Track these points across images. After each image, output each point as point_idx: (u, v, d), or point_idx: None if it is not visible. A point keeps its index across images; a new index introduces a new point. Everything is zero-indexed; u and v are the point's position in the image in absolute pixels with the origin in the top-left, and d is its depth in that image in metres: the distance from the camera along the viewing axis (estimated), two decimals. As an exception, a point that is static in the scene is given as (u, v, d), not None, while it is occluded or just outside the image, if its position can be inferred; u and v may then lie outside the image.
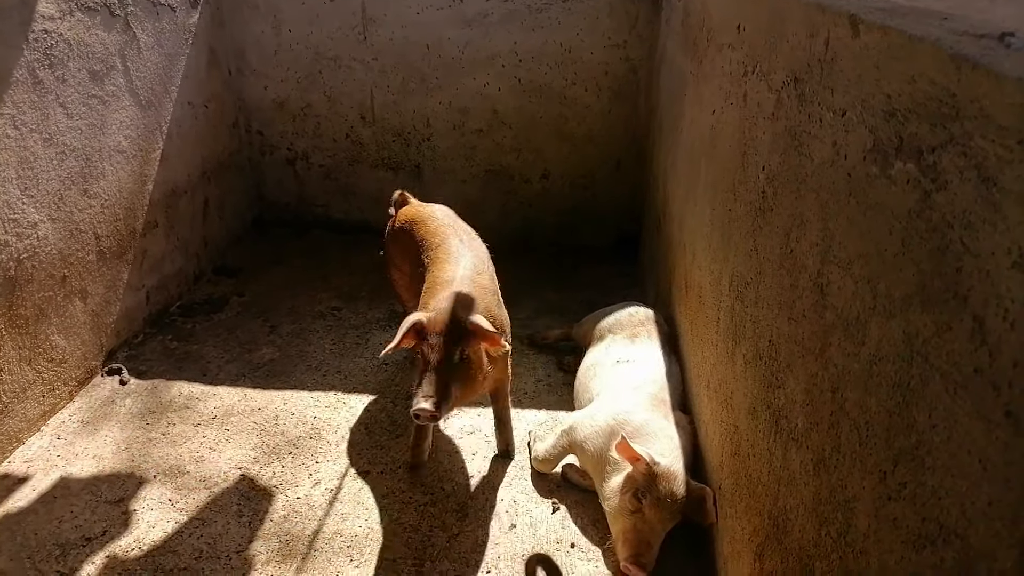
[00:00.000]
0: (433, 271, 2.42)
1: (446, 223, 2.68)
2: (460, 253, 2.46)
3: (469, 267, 2.38)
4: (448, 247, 2.50)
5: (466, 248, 2.51)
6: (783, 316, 1.47)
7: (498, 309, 2.40)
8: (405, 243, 2.73)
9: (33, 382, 2.63)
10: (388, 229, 2.90)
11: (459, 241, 2.55)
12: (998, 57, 0.84)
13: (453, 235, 2.58)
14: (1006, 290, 0.77)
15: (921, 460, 0.92)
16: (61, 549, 2.19)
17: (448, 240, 2.55)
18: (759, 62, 1.73)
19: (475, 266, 2.41)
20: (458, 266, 2.38)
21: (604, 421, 2.29)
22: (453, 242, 2.53)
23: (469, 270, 2.37)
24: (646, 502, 2.03)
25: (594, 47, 3.76)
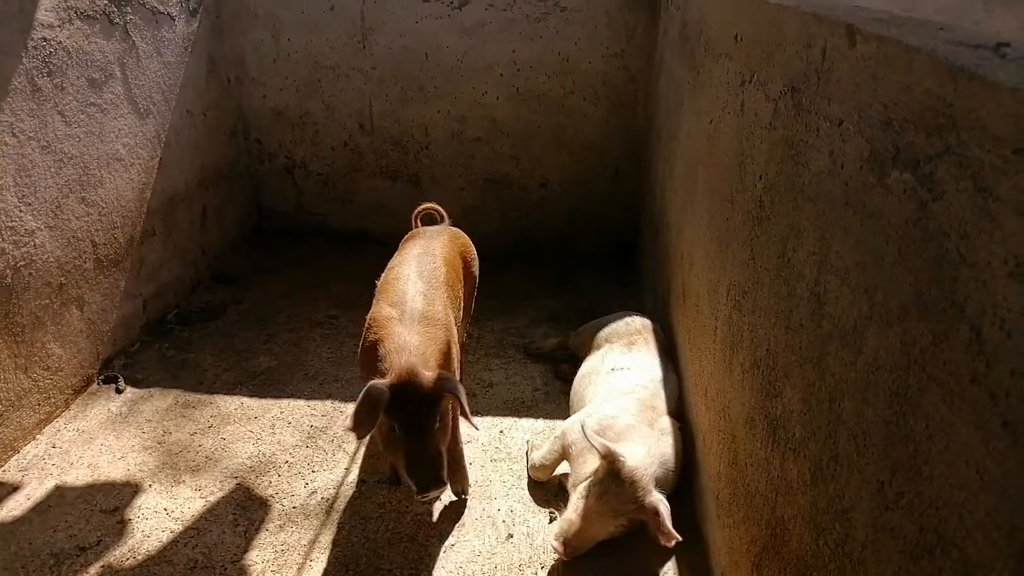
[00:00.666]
0: (379, 299, 2.28)
1: (420, 242, 2.52)
2: (407, 278, 2.28)
3: (418, 299, 2.19)
4: (398, 271, 2.34)
5: (414, 269, 2.32)
6: (780, 325, 1.47)
7: (453, 346, 2.23)
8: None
9: (29, 390, 2.62)
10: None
11: (414, 261, 2.38)
12: (993, 67, 0.84)
13: (411, 255, 2.42)
14: (1003, 299, 0.77)
15: (918, 470, 0.92)
16: (55, 559, 2.18)
17: (402, 262, 2.39)
18: (756, 72, 1.74)
19: (424, 294, 2.22)
20: (404, 296, 2.20)
21: (591, 425, 2.30)
22: (406, 266, 2.35)
23: (418, 303, 2.17)
24: (594, 491, 2.07)
25: (592, 56, 3.77)
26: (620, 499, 2.06)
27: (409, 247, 2.53)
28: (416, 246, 2.51)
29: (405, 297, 2.20)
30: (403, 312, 2.14)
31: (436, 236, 2.61)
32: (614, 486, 2.06)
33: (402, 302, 2.18)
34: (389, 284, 2.31)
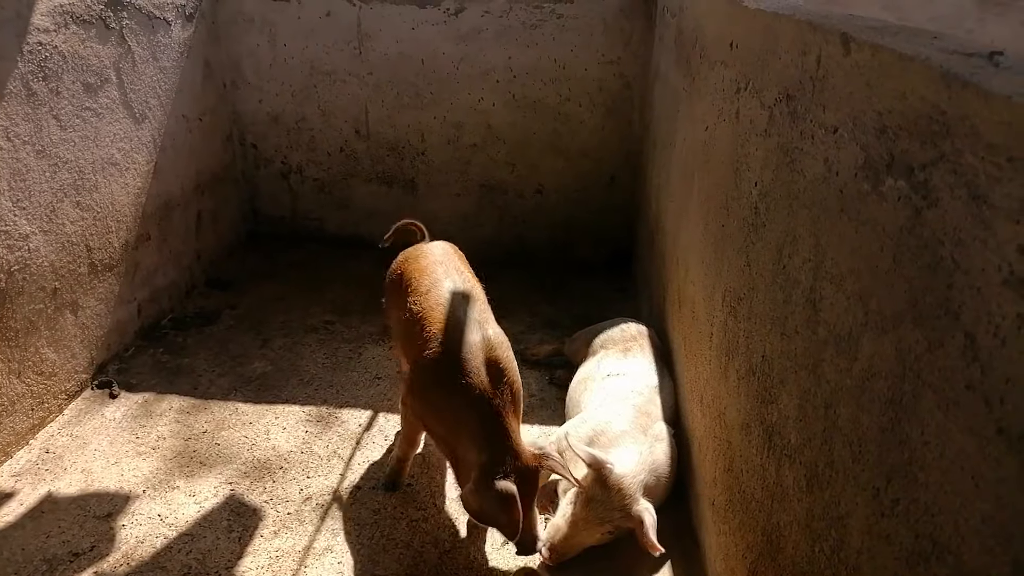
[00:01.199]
0: (427, 322, 2.18)
1: (433, 258, 2.46)
2: (465, 320, 2.17)
3: (487, 332, 2.14)
4: (446, 312, 2.21)
5: (463, 307, 2.23)
6: (776, 331, 1.47)
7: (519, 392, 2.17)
8: (397, 288, 2.48)
9: (22, 395, 2.61)
10: (389, 273, 2.66)
11: (444, 274, 2.34)
12: (987, 75, 0.85)
13: (440, 269, 2.37)
14: (997, 307, 0.77)
15: (914, 476, 0.92)
16: (48, 564, 2.17)
17: (435, 278, 2.32)
18: (751, 79, 1.74)
19: (491, 341, 2.14)
20: (474, 352, 2.08)
21: (585, 431, 2.30)
22: (452, 304, 2.24)
23: (497, 368, 2.08)
24: (581, 498, 2.08)
25: (588, 63, 3.79)
26: (607, 506, 2.06)
27: (427, 266, 2.41)
28: (434, 263, 2.42)
29: (475, 352, 2.08)
30: (483, 379, 2.04)
31: (444, 251, 2.55)
32: (601, 493, 2.06)
33: (476, 366, 2.06)
34: (444, 332, 2.15)
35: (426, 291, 2.29)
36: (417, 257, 2.52)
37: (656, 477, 2.21)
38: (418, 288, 2.32)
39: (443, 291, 2.28)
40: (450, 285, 2.31)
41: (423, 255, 2.51)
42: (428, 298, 2.26)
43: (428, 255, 2.50)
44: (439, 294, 2.26)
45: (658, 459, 2.24)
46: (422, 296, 2.28)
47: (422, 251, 2.56)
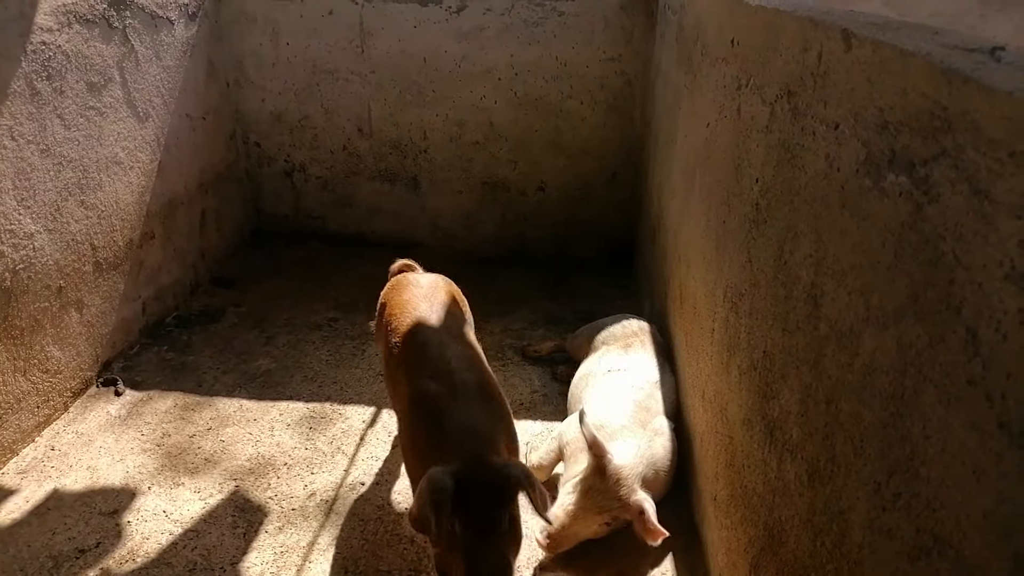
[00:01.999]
0: (410, 371, 1.95)
1: (418, 292, 2.23)
2: (439, 342, 1.98)
3: (463, 366, 1.90)
4: (421, 333, 2.02)
5: (441, 329, 2.05)
6: (777, 327, 1.48)
7: (512, 423, 1.93)
8: (383, 323, 2.28)
9: (28, 393, 2.62)
10: (379, 302, 2.45)
11: (432, 317, 2.10)
12: (989, 71, 0.85)
13: (424, 305, 2.14)
14: (998, 302, 0.78)
15: (915, 471, 0.92)
16: (54, 561, 2.18)
17: (419, 321, 2.07)
18: (753, 76, 1.75)
19: (469, 360, 1.95)
20: (446, 364, 1.89)
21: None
22: (426, 325, 2.04)
23: (468, 373, 1.88)
24: (580, 487, 2.09)
25: (590, 61, 3.78)
26: (605, 496, 2.07)
27: (409, 300, 2.21)
28: (418, 298, 2.21)
29: (448, 365, 1.89)
30: (453, 386, 1.83)
31: (432, 284, 2.33)
32: (599, 482, 2.07)
33: (447, 372, 1.87)
34: (417, 351, 1.99)
35: (407, 332, 2.07)
36: (402, 290, 2.30)
37: (655, 471, 2.21)
38: (399, 327, 2.11)
39: (425, 333, 2.04)
40: (432, 324, 2.08)
41: (408, 287, 2.30)
42: (409, 341, 2.04)
43: (413, 288, 2.28)
44: (421, 336, 2.02)
45: (657, 453, 2.25)
46: (402, 337, 2.06)
47: (408, 282, 2.34)
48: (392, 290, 2.34)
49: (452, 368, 1.88)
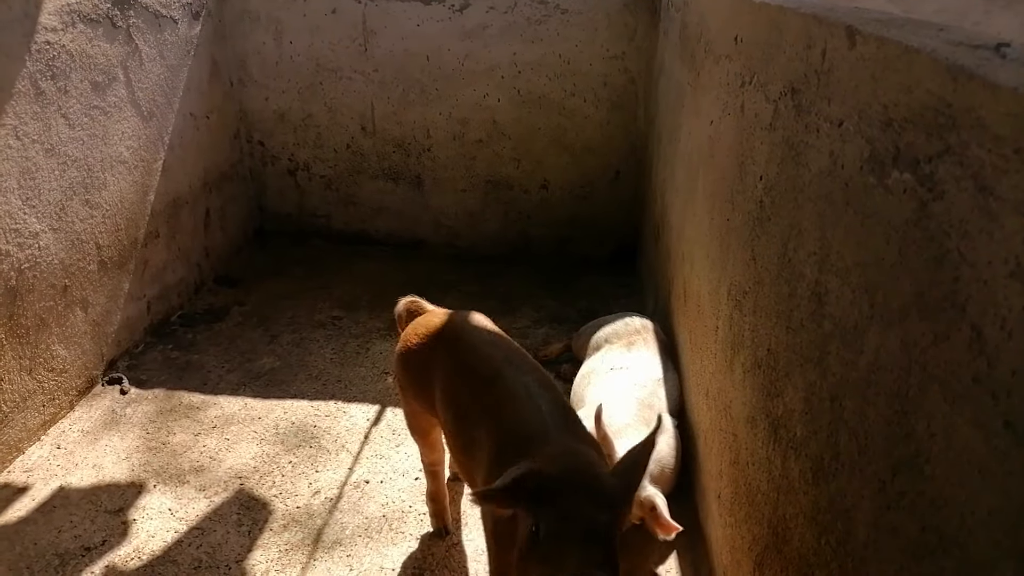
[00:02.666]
0: (500, 421, 1.68)
1: (490, 341, 1.93)
2: (524, 393, 1.72)
3: (563, 418, 1.68)
4: (498, 385, 1.76)
5: (521, 377, 1.77)
6: (781, 325, 1.48)
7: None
8: (425, 372, 1.97)
9: (33, 392, 2.63)
10: (398, 349, 2.11)
11: (503, 362, 1.82)
12: (994, 67, 0.85)
13: (506, 364, 1.82)
14: (1004, 299, 0.77)
15: (920, 469, 0.92)
16: (60, 559, 2.19)
17: (503, 372, 1.78)
18: (756, 73, 1.74)
19: (565, 408, 1.73)
20: (542, 419, 1.64)
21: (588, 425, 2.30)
22: (501, 375, 1.77)
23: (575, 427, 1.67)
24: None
25: (593, 59, 3.78)
26: None
27: (457, 340, 1.94)
28: (473, 337, 1.94)
29: (544, 420, 1.64)
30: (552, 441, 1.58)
31: (475, 320, 2.06)
32: None
33: (543, 432, 1.61)
34: (495, 408, 1.72)
35: (489, 381, 1.77)
36: (459, 335, 1.97)
37: (661, 468, 2.21)
38: (473, 378, 1.80)
39: (512, 382, 1.76)
40: (510, 368, 1.80)
41: (468, 332, 1.98)
42: (493, 390, 1.75)
43: (473, 331, 1.98)
44: (508, 385, 1.75)
45: (663, 450, 2.25)
46: (483, 388, 1.77)
47: (463, 327, 2.01)
48: (440, 342, 1.98)
49: (548, 424, 1.63)
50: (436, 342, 1.98)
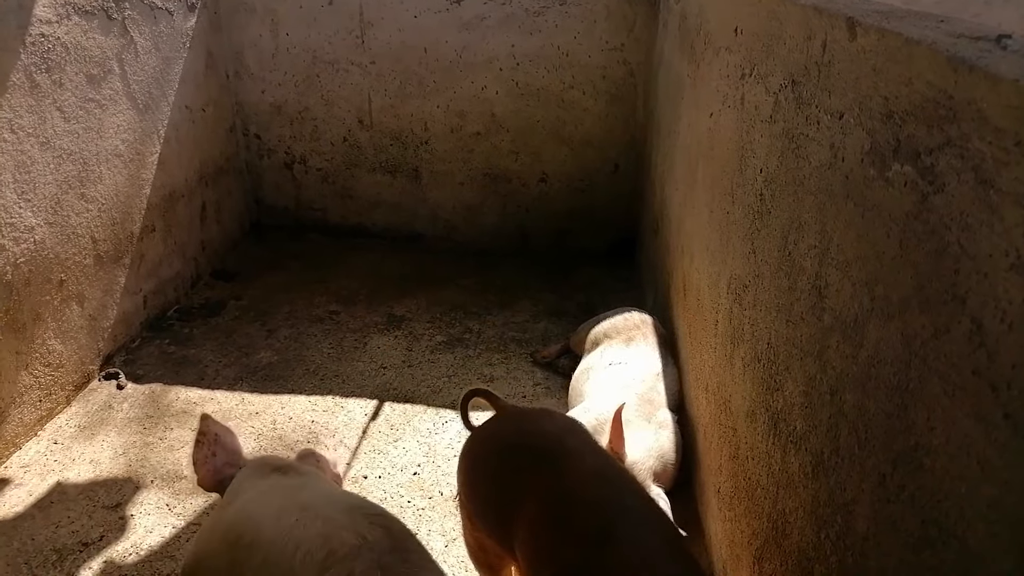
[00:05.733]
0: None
1: (600, 474, 1.48)
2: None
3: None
4: (624, 553, 1.32)
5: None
6: (781, 319, 1.47)
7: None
8: (504, 506, 1.53)
9: (30, 387, 2.63)
10: (465, 462, 1.70)
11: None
12: (995, 59, 0.84)
13: (623, 516, 1.38)
14: (1004, 292, 0.77)
15: (920, 462, 0.92)
16: (58, 554, 2.18)
17: (617, 531, 1.35)
18: (756, 65, 1.73)
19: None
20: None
21: (588, 420, 2.30)
22: (629, 538, 1.34)
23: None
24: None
25: (591, 50, 3.77)
26: None
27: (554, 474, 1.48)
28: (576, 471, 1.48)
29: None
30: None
31: (577, 440, 1.59)
32: None
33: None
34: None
35: (598, 542, 1.34)
36: (557, 465, 1.50)
37: (663, 464, 2.22)
38: (576, 534, 1.37)
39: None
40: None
41: (569, 460, 1.51)
42: (603, 556, 1.33)
43: (576, 461, 1.51)
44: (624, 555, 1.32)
45: (664, 446, 2.25)
46: (589, 549, 1.34)
47: (561, 451, 1.54)
48: (520, 464, 1.55)
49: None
50: (523, 468, 1.52)
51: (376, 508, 1.41)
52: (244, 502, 1.44)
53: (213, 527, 1.47)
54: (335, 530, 1.27)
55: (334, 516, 1.31)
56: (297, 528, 1.29)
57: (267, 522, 1.32)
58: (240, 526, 1.35)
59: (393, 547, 1.27)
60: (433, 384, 3.03)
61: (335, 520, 1.30)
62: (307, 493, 1.41)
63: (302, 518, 1.31)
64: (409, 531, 1.39)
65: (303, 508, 1.34)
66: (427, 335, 3.38)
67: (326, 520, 1.30)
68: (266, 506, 1.38)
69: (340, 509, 1.34)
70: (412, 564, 1.27)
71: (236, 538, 1.34)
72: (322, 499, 1.39)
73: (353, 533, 1.26)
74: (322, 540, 1.25)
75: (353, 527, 1.28)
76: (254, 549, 1.30)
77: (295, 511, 1.33)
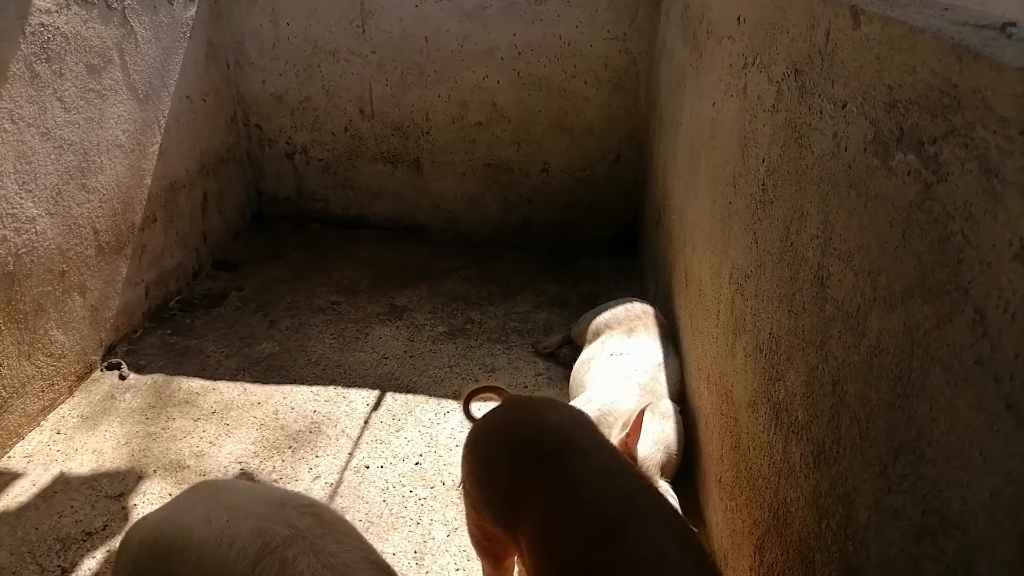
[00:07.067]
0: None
1: (607, 468, 1.47)
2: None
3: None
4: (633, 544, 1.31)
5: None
6: (783, 309, 1.47)
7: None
8: (509, 497, 1.52)
9: (32, 377, 2.63)
10: (468, 452, 1.69)
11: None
12: (999, 47, 0.83)
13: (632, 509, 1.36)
14: (1007, 282, 0.77)
15: (922, 452, 0.92)
16: (62, 544, 2.19)
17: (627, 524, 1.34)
18: (759, 54, 1.72)
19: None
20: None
21: (590, 412, 2.30)
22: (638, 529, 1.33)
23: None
24: None
25: (593, 40, 3.75)
26: None
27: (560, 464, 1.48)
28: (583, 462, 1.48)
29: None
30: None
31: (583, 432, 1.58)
32: None
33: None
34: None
35: (606, 536, 1.32)
36: (562, 456, 1.49)
37: (668, 454, 2.22)
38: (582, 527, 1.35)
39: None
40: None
41: (575, 452, 1.50)
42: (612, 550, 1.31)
43: (582, 451, 1.50)
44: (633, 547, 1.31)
45: (669, 437, 2.25)
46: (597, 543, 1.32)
47: (567, 442, 1.53)
48: (525, 456, 1.53)
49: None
50: (529, 460, 1.50)
51: (306, 499, 1.45)
52: (163, 514, 1.46)
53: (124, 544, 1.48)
54: (266, 524, 1.31)
55: (264, 511, 1.35)
56: (229, 527, 1.32)
57: (197, 526, 1.35)
58: (167, 537, 1.37)
59: (325, 532, 1.32)
60: (435, 374, 3.03)
61: (265, 515, 1.34)
62: (230, 496, 1.43)
63: (232, 518, 1.34)
64: (342, 517, 1.43)
65: (231, 509, 1.37)
66: (429, 326, 3.38)
67: (257, 516, 1.33)
68: (191, 513, 1.40)
69: (269, 505, 1.38)
70: (346, 545, 1.31)
71: (165, 549, 1.35)
72: (247, 499, 1.41)
73: (284, 525, 1.30)
74: (255, 535, 1.29)
75: (284, 519, 1.32)
76: (187, 552, 1.32)
77: (224, 513, 1.36)
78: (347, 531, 1.37)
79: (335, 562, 1.25)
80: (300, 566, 1.22)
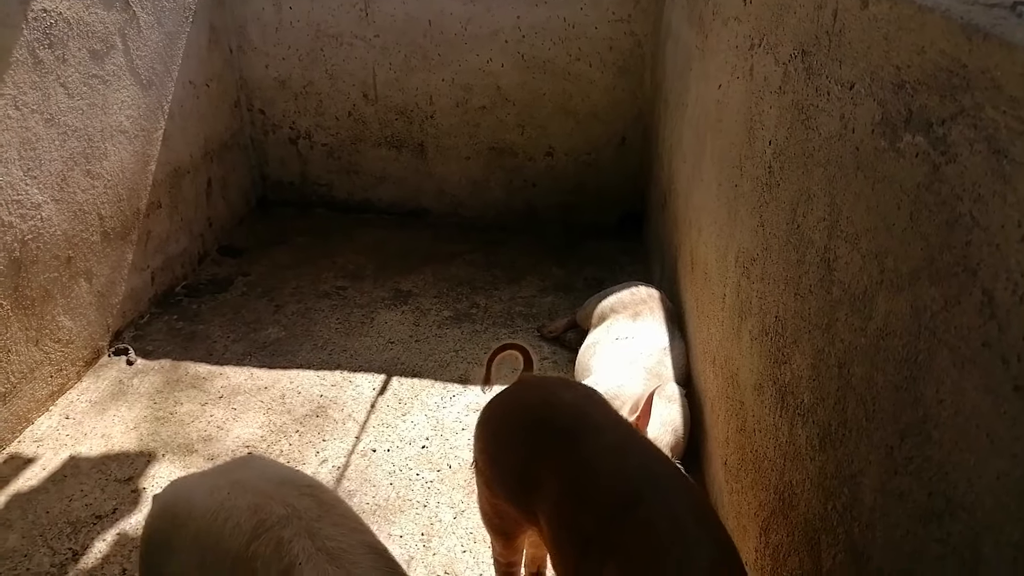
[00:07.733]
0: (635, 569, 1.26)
1: (623, 445, 1.47)
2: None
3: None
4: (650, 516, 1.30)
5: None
6: (790, 292, 1.47)
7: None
8: (525, 475, 1.51)
9: (41, 363, 2.65)
10: (483, 427, 1.68)
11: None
12: (1010, 27, 0.82)
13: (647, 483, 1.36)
14: (1016, 263, 0.76)
15: (928, 434, 0.92)
16: (72, 527, 2.22)
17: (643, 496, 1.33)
18: (766, 35, 1.71)
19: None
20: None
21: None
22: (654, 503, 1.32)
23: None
24: None
25: (598, 22, 3.72)
26: None
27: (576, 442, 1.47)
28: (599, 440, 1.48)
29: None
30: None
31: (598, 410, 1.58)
32: None
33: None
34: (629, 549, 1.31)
35: (622, 508, 1.33)
36: (578, 434, 1.48)
37: (676, 437, 2.23)
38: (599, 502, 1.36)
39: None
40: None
41: (591, 430, 1.49)
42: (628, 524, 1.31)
43: (598, 429, 1.50)
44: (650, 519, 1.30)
45: (676, 420, 2.26)
46: (613, 517, 1.32)
47: (583, 420, 1.52)
48: (541, 434, 1.52)
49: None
50: (544, 438, 1.50)
51: (308, 479, 1.46)
52: (190, 481, 1.49)
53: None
54: (264, 501, 1.31)
55: (264, 488, 1.35)
56: (228, 501, 1.33)
57: (199, 498, 1.37)
58: (176, 505, 1.40)
59: (322, 515, 1.32)
60: (440, 359, 3.04)
61: (265, 492, 1.34)
62: (242, 471, 1.45)
63: (232, 491, 1.35)
64: (340, 499, 1.43)
65: (234, 483, 1.38)
66: (434, 310, 3.39)
67: (256, 492, 1.34)
68: (200, 484, 1.42)
69: (271, 482, 1.39)
70: (342, 528, 1.31)
71: (172, 516, 1.38)
72: (255, 475, 1.43)
73: (281, 503, 1.31)
74: (252, 511, 1.30)
75: (282, 498, 1.33)
76: (188, 523, 1.34)
77: (226, 487, 1.37)
78: (345, 513, 1.37)
79: (330, 545, 1.25)
80: (295, 549, 1.23)
